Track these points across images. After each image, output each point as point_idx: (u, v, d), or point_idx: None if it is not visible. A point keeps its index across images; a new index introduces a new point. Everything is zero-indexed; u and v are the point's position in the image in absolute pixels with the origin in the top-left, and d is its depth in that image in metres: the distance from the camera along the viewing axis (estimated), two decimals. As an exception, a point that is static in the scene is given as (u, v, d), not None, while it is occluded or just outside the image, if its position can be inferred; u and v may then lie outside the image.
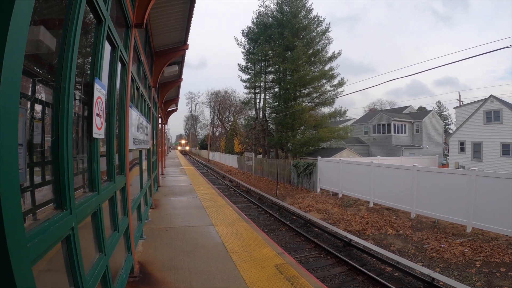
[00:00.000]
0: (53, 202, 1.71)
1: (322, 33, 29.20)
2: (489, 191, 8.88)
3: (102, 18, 2.25)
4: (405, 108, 43.56)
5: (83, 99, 2.25)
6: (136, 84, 4.83)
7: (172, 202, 8.59)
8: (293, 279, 3.79)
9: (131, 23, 3.70)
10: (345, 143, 31.84)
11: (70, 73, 1.69)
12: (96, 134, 2.24)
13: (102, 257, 2.27)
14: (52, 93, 1.99)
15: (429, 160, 27.21)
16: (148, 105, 7.01)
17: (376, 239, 9.69)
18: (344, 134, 28.62)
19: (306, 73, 27.49)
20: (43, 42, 1.74)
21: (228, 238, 5.34)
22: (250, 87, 34.04)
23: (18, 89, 1.13)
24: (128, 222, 3.49)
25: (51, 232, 1.43)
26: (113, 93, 2.92)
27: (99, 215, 2.28)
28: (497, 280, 6.67)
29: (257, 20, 31.84)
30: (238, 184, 21.95)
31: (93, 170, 2.24)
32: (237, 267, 4.09)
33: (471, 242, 8.55)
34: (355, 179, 14.65)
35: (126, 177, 3.53)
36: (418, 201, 11.13)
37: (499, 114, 21.95)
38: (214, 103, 64.98)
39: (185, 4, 5.91)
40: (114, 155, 2.92)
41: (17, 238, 1.12)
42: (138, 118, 4.92)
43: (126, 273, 3.18)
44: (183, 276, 3.78)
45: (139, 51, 4.96)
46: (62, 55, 1.69)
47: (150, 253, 4.55)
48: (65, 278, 1.70)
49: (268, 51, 30.31)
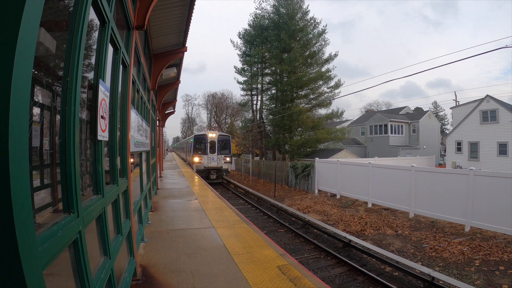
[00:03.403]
0: (53, 205, 1.70)
1: (318, 35, 29.34)
2: (487, 191, 8.96)
3: (106, 19, 2.24)
4: (401, 109, 43.83)
5: (87, 101, 2.23)
6: (137, 86, 4.82)
7: (171, 205, 8.54)
8: (296, 280, 3.78)
9: (132, 25, 3.69)
10: (342, 144, 31.92)
11: (76, 75, 1.68)
12: (101, 136, 2.22)
13: (107, 261, 2.25)
14: (51, 95, 1.97)
15: (426, 160, 27.38)
16: (147, 107, 6.98)
17: (375, 239, 9.72)
18: (341, 135, 28.71)
19: (303, 75, 27.60)
20: (43, 43, 1.73)
21: (229, 240, 5.32)
22: (247, 89, 34.09)
23: (27, 94, 1.11)
24: (130, 225, 3.46)
25: (60, 236, 1.41)
26: (115, 96, 2.91)
27: (104, 218, 2.26)
28: (496, 278, 6.72)
29: (253, 22, 31.94)
30: (236, 186, 21.93)
31: (97, 173, 2.22)
32: (239, 269, 4.07)
33: (470, 241, 8.60)
34: (353, 180, 14.69)
35: (128, 180, 3.50)
36: (416, 201, 11.19)
37: (495, 114, 22.18)
38: (211, 105, 64.89)
39: (184, 7, 5.91)
40: (117, 157, 2.91)
41: (28, 243, 1.11)
42: (138, 120, 4.90)
43: (129, 276, 3.15)
44: (186, 278, 3.76)
45: (139, 53, 4.95)
46: (68, 56, 1.68)
47: (152, 256, 4.52)
48: (72, 283, 1.68)
49: (265, 53, 30.40)
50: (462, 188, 9.56)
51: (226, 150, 23.18)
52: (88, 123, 2.25)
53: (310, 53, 28.77)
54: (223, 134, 24.29)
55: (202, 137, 23.04)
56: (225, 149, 23.08)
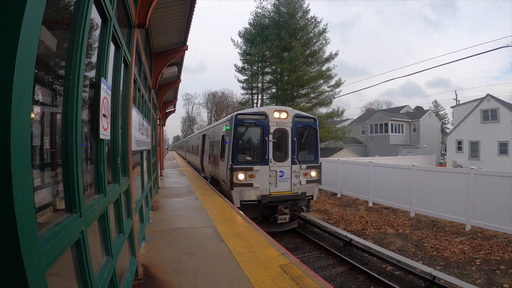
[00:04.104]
0: (55, 205, 1.68)
1: (319, 34, 29.31)
2: (488, 190, 8.94)
3: (108, 17, 2.22)
4: (402, 108, 43.82)
5: (88, 100, 2.21)
6: (138, 85, 4.80)
7: (172, 204, 8.53)
8: (299, 279, 3.77)
9: (133, 23, 3.67)
10: (342, 143, 31.94)
11: (78, 73, 1.66)
12: (103, 135, 2.20)
13: (109, 261, 2.23)
14: (51, 94, 1.95)
15: (426, 159, 27.37)
16: (148, 106, 6.96)
17: (376, 238, 9.71)
18: (341, 134, 28.73)
19: (304, 74, 27.59)
20: (44, 42, 1.71)
21: (231, 239, 5.31)
22: (247, 88, 34.09)
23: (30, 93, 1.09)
24: (132, 224, 3.45)
25: (62, 236, 1.40)
26: (117, 94, 2.89)
27: (106, 218, 2.24)
28: (497, 277, 6.71)
29: (254, 21, 31.90)
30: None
31: (99, 171, 2.20)
32: (241, 268, 4.06)
33: (471, 240, 8.60)
34: (354, 179, 14.69)
35: (130, 178, 3.49)
36: (417, 200, 11.18)
37: (496, 113, 22.16)
38: (211, 104, 65.00)
39: (185, 5, 5.88)
40: (118, 156, 2.89)
41: (30, 244, 1.09)
42: (139, 119, 4.88)
43: (131, 276, 3.14)
44: (187, 278, 3.75)
45: (141, 52, 4.93)
46: (70, 54, 1.65)
47: (153, 255, 4.51)
48: (74, 283, 1.66)
49: (265, 52, 30.38)
50: (463, 187, 9.55)
51: (309, 151, 10.48)
52: (90, 122, 2.23)
53: (311, 52, 28.75)
54: (301, 115, 10.28)
55: (254, 120, 9.52)
56: (307, 148, 10.42)
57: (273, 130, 9.36)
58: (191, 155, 24.51)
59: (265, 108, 9.70)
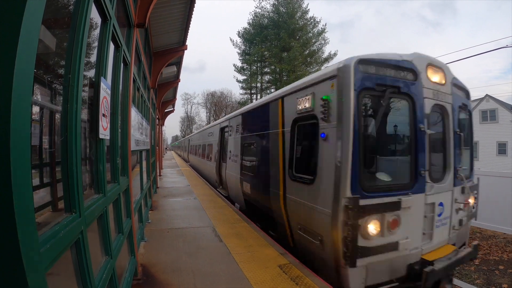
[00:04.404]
0: (55, 205, 1.67)
1: (318, 34, 29.35)
2: (487, 190, 8.94)
3: (108, 16, 2.21)
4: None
5: (88, 99, 2.21)
6: (137, 84, 4.79)
7: (171, 204, 8.52)
8: (298, 279, 3.77)
9: (133, 22, 3.66)
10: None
11: (78, 72, 1.65)
12: (102, 134, 2.20)
13: (109, 261, 2.22)
14: (50, 93, 1.95)
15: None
16: (147, 106, 6.95)
17: (376, 239, 9.71)
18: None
19: (303, 74, 27.59)
20: (43, 41, 1.70)
21: (230, 239, 5.30)
22: (246, 88, 34.10)
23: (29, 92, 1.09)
24: (131, 224, 3.44)
25: (62, 236, 1.39)
26: (116, 94, 2.88)
27: (105, 218, 2.23)
28: (496, 277, 6.73)
29: (253, 21, 31.90)
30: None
31: (99, 171, 2.19)
32: (240, 268, 4.05)
33: (469, 240, 8.60)
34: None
35: (129, 178, 3.48)
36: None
37: (495, 113, 22.23)
38: (210, 104, 64.96)
39: (185, 5, 5.88)
40: (118, 156, 2.88)
41: (30, 243, 1.08)
42: (139, 119, 4.87)
43: (130, 276, 3.14)
44: (187, 278, 3.74)
45: (140, 51, 4.92)
46: (69, 53, 1.65)
47: (152, 255, 4.50)
48: (74, 283, 1.66)
49: (264, 52, 30.39)
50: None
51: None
52: (89, 121, 2.22)
53: (310, 52, 28.79)
54: (460, 84, 4.92)
55: (395, 81, 3.69)
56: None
57: (429, 107, 4.08)
58: (199, 159, 16.77)
59: (411, 56, 4.07)
